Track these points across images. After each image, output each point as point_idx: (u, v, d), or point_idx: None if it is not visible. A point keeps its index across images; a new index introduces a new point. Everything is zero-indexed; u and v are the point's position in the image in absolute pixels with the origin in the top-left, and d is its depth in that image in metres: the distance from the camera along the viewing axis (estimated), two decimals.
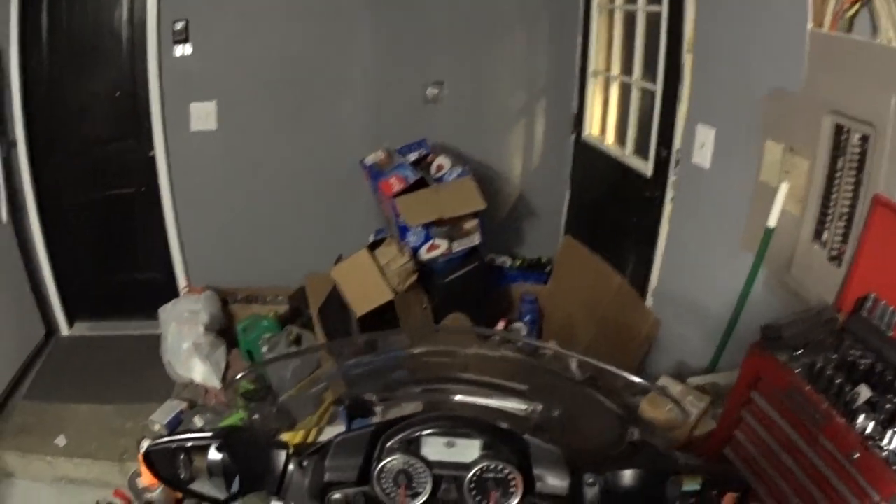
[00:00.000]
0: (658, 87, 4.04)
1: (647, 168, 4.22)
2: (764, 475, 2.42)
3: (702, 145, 3.64)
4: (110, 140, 5.24)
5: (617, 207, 4.72)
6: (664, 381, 3.36)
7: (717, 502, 1.53)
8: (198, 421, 4.42)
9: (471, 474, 1.51)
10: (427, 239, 4.48)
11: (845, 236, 2.70)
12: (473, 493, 1.52)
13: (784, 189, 2.98)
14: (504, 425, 1.64)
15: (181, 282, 5.57)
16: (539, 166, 5.58)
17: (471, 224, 4.60)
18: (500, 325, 4.72)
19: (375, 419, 1.94)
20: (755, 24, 3.18)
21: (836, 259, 2.73)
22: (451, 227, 4.53)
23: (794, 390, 2.24)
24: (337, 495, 1.56)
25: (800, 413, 2.22)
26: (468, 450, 1.56)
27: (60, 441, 4.45)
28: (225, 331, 5.12)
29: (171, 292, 5.44)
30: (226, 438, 1.51)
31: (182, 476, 1.56)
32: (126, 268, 5.66)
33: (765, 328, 2.46)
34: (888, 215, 2.35)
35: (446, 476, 1.54)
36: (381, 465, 1.52)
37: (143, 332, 5.48)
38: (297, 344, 4.68)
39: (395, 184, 4.51)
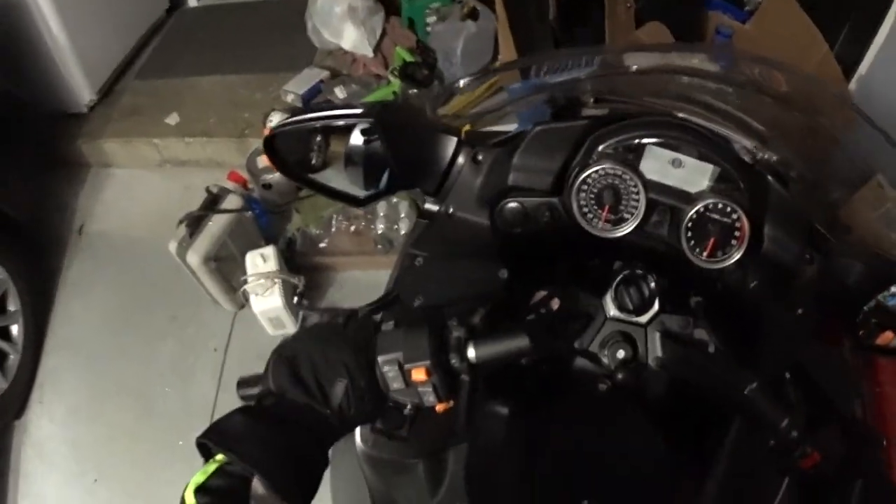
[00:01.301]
0: None
1: None
2: None
3: None
4: None
5: None
6: (880, 178, 3.21)
7: (874, 333, 1.49)
8: (339, 92, 4.38)
9: (694, 209, 1.41)
10: None
11: None
12: (689, 233, 1.43)
13: None
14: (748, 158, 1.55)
15: None
16: None
17: None
18: None
19: None
20: None
21: None
22: None
23: None
24: (513, 204, 1.48)
25: None
26: (697, 176, 1.45)
27: (172, 119, 4.48)
28: None
29: None
30: (379, 116, 1.37)
31: (313, 162, 1.50)
32: None
33: None
34: None
35: (662, 204, 1.44)
36: (586, 174, 1.42)
37: None
38: (473, 18, 4.40)
39: None
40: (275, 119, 4.00)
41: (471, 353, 1.21)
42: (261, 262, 3.34)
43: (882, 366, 2.49)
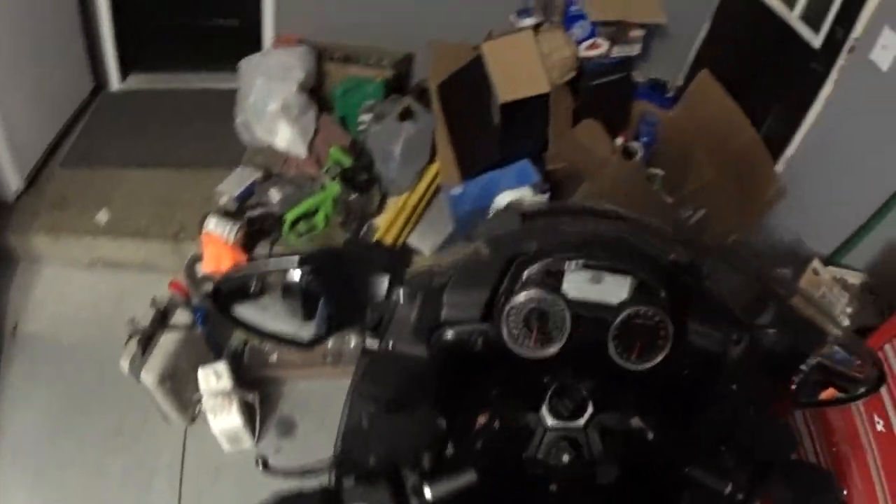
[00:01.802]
0: None
1: (815, 40, 4.35)
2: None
3: (884, 47, 3.83)
4: None
5: (768, 63, 4.88)
6: (815, 263, 3.82)
7: (817, 389, 1.68)
8: (274, 194, 4.51)
9: (618, 320, 1.56)
10: (591, 35, 4.61)
11: None
12: (616, 341, 1.58)
13: None
14: (668, 258, 1.67)
15: (267, 32, 5.43)
16: None
17: (637, 33, 4.76)
18: (619, 141, 4.92)
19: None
20: None
21: None
22: (618, 29, 4.65)
23: None
24: (449, 335, 1.62)
25: None
26: (617, 288, 1.59)
27: (102, 216, 4.54)
28: (313, 91, 5.07)
29: (249, 44, 5.41)
30: (316, 263, 1.55)
31: (252, 290, 1.61)
32: (199, 11, 5.57)
33: None
34: None
35: (587, 318, 1.58)
36: (512, 302, 1.56)
37: (210, 86, 5.50)
38: (411, 118, 4.63)
39: None
40: (211, 224, 4.15)
41: (427, 494, 1.41)
42: (214, 379, 3.53)
43: (835, 426, 3.07)
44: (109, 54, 5.51)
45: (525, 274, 1.59)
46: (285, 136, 4.79)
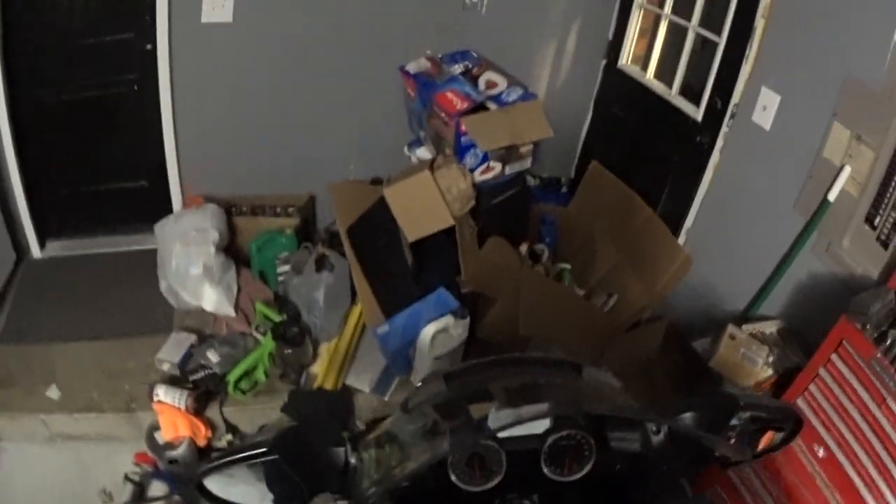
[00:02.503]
0: (721, 42, 4.81)
1: (696, 113, 5.06)
2: (832, 427, 3.29)
3: (764, 108, 4.43)
4: (100, 31, 5.45)
5: (655, 143, 5.52)
6: (731, 328, 4.16)
7: (755, 436, 1.89)
8: (213, 356, 4.89)
9: (546, 445, 1.88)
10: (484, 161, 5.02)
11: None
12: (547, 462, 1.89)
13: (847, 171, 3.85)
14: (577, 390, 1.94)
15: (174, 191, 6.01)
16: (563, 86, 6.22)
17: (526, 148, 5.16)
18: (524, 248, 5.40)
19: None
20: (842, 8, 3.92)
21: (885, 244, 3.68)
22: (508, 151, 5.06)
23: (876, 360, 3.08)
24: (405, 483, 1.87)
25: (877, 379, 3.09)
26: (540, 421, 1.88)
27: (53, 393, 4.88)
28: (227, 248, 5.46)
29: (159, 203, 5.90)
30: (281, 448, 1.85)
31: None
32: (107, 176, 6.05)
33: (855, 302, 3.29)
34: None
35: (519, 451, 1.88)
36: (453, 455, 1.85)
37: (127, 248, 5.99)
38: (327, 265, 5.18)
39: (457, 101, 5.00)
40: (161, 393, 4.52)
41: None
42: None
43: (779, 464, 3.40)
44: (27, 224, 5.92)
45: (460, 427, 1.85)
46: (211, 299, 5.14)
